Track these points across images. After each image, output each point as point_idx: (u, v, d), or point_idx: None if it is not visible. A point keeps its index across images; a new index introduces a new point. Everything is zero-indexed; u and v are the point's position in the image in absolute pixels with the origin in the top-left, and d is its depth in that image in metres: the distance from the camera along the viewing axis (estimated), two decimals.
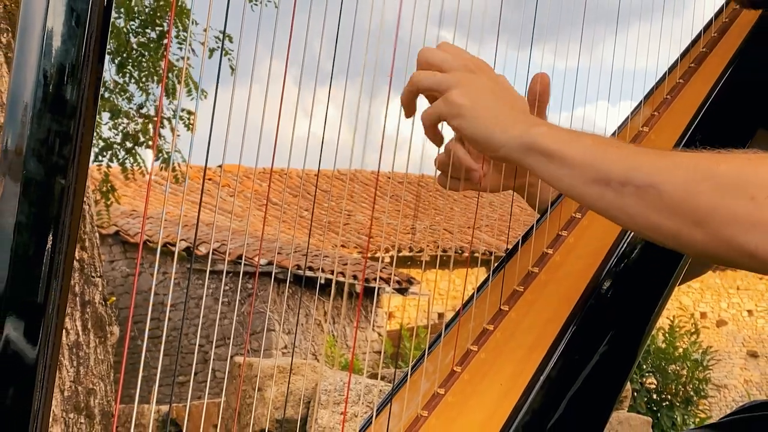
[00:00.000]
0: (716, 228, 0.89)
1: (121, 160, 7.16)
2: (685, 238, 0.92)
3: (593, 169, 0.96)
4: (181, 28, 6.73)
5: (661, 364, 8.68)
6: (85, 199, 0.83)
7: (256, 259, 8.17)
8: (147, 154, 7.26)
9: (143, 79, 7.04)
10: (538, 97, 1.21)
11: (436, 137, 1.14)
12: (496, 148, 1.03)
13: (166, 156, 7.08)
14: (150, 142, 7.17)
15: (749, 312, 15.31)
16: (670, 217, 0.92)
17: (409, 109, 1.12)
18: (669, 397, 8.67)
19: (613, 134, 1.35)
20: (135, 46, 6.93)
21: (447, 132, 1.15)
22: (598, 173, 0.96)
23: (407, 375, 1.15)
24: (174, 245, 7.92)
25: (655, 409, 8.49)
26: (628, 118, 1.35)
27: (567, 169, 0.98)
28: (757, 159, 0.91)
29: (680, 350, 8.82)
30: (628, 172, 0.94)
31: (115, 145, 7.12)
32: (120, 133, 7.15)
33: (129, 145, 7.17)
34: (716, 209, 0.89)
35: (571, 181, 0.98)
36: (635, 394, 8.36)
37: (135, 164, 7.18)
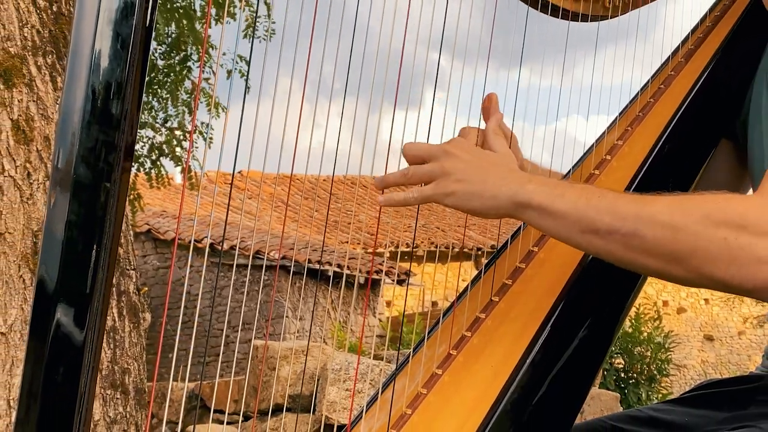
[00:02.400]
0: (696, 266, 0.92)
1: (146, 170, 7.16)
2: (668, 273, 0.95)
3: (582, 222, 0.97)
4: (196, 49, 6.73)
5: (627, 347, 8.68)
6: None
7: (273, 254, 8.16)
8: (170, 164, 7.27)
9: (168, 97, 7.04)
10: (490, 114, 1.20)
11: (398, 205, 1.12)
12: (492, 213, 1.04)
13: (196, 164, 7.07)
14: (173, 153, 7.17)
15: (706, 300, 15.32)
16: (653, 258, 0.94)
17: (386, 186, 1.11)
18: (635, 375, 8.67)
19: (590, 148, 1.34)
20: (161, 67, 6.94)
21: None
22: (587, 225, 0.97)
23: (409, 357, 1.15)
24: (201, 242, 7.92)
25: (622, 386, 8.49)
26: (604, 132, 1.35)
27: (558, 221, 0.99)
28: (723, 201, 0.93)
29: (645, 334, 8.82)
30: (613, 223, 0.95)
31: (143, 156, 7.11)
32: (146, 145, 7.14)
33: (154, 156, 7.17)
34: (695, 251, 0.91)
35: (563, 232, 1.00)
36: (605, 373, 8.36)
37: (158, 175, 7.17)
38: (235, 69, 6.49)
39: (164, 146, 7.18)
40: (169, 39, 6.79)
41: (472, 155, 1.08)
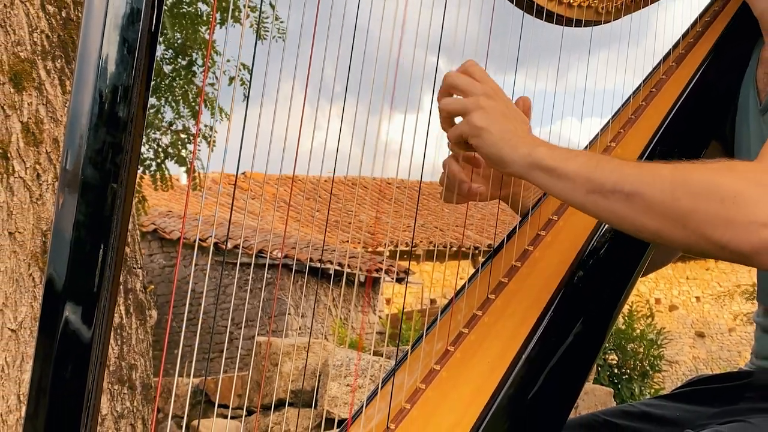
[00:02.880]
0: (694, 227, 0.91)
1: (152, 172, 7.16)
2: (667, 235, 0.94)
3: (588, 182, 0.98)
4: (201, 54, 6.73)
5: (621, 343, 8.69)
6: None
7: (276, 253, 8.17)
8: (175, 166, 7.27)
9: (174, 102, 7.04)
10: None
11: (459, 149, 1.14)
12: (507, 164, 1.04)
13: (199, 165, 7.07)
14: (178, 156, 7.17)
15: (697, 298, 15.32)
16: (654, 218, 0.94)
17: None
18: (628, 371, 8.68)
19: (585, 149, 1.34)
20: (167, 72, 6.94)
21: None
22: (592, 185, 0.97)
23: (407, 353, 1.15)
24: (206, 241, 7.92)
25: (616, 381, 8.49)
26: (597, 134, 1.35)
27: (566, 182, 1.00)
28: (721, 168, 0.93)
29: (638, 331, 8.83)
30: (617, 183, 0.96)
31: (148, 159, 7.12)
32: (150, 149, 7.15)
33: (159, 159, 7.17)
34: (693, 212, 0.91)
35: (570, 192, 1.00)
36: (599, 368, 8.36)
37: (161, 177, 7.17)
38: (239, 74, 6.50)
39: (169, 149, 7.19)
40: (176, 45, 6.79)
41: (507, 105, 1.10)
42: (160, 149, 7.16)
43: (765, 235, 0.87)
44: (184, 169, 7.35)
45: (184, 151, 7.13)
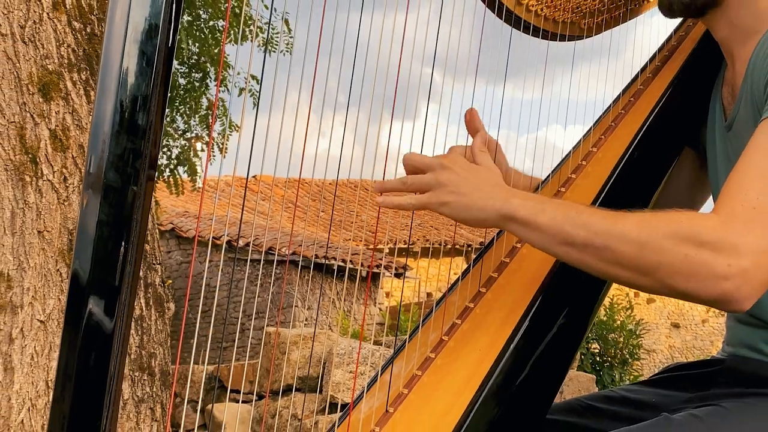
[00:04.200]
0: (660, 278, 0.93)
1: (165, 177, 7.16)
2: (637, 283, 0.96)
3: (560, 235, 0.98)
4: (215, 68, 6.73)
5: (603, 333, 8.67)
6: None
7: (284, 250, 8.16)
8: (190, 171, 7.27)
9: (188, 112, 7.04)
10: (474, 127, 1.20)
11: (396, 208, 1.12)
12: (480, 224, 1.05)
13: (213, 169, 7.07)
14: (191, 163, 7.18)
15: None
16: (623, 270, 0.95)
17: (385, 190, 1.10)
18: (609, 359, 8.66)
19: (568, 154, 1.34)
20: (183, 85, 6.94)
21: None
22: (564, 238, 0.98)
23: (405, 342, 1.15)
24: (219, 239, 7.92)
25: (598, 369, 8.48)
26: (580, 140, 1.35)
27: (539, 233, 1.00)
28: (682, 222, 0.93)
29: (618, 322, 8.81)
30: (587, 238, 0.96)
31: (163, 165, 7.12)
32: (164, 156, 7.14)
33: (172, 165, 7.17)
34: (659, 265, 0.92)
35: (544, 243, 1.01)
36: (582, 357, 8.35)
37: (174, 182, 7.18)
38: (248, 86, 6.50)
39: (182, 155, 7.19)
40: (191, 61, 6.79)
41: (465, 170, 1.08)
42: (173, 156, 7.16)
43: (724, 286, 0.89)
44: (199, 173, 7.35)
45: (196, 159, 7.12)
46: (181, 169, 7.17)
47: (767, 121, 0.97)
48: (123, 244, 0.71)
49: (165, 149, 7.13)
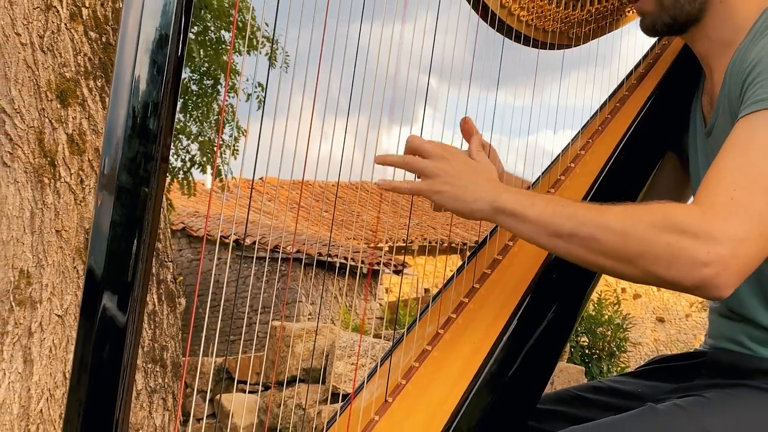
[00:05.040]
0: (643, 266, 0.92)
1: (180, 179, 7.16)
2: (621, 272, 0.95)
3: (548, 227, 0.98)
4: (224, 76, 6.74)
5: (591, 327, 8.67)
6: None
7: (289, 248, 8.16)
8: (199, 173, 7.28)
9: (199, 117, 7.05)
10: (469, 133, 1.20)
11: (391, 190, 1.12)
12: (472, 215, 1.04)
13: (223, 170, 7.07)
14: (203, 166, 7.18)
15: (658, 288, 15.30)
16: (608, 259, 0.95)
17: (385, 163, 1.11)
18: (597, 351, 8.66)
19: (557, 157, 1.34)
20: (194, 90, 6.94)
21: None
22: (552, 230, 0.98)
23: (403, 335, 1.15)
24: (227, 238, 7.92)
25: (587, 361, 8.48)
26: (569, 144, 1.35)
27: (528, 225, 1.00)
28: (664, 213, 0.93)
29: (606, 317, 8.81)
30: (573, 229, 0.96)
31: (176, 168, 7.12)
32: (178, 159, 7.15)
33: (185, 169, 7.17)
34: (642, 254, 0.92)
35: (532, 235, 1.01)
36: (572, 349, 8.35)
37: (188, 185, 7.18)
38: (255, 93, 6.52)
39: (194, 158, 7.20)
40: (202, 69, 6.79)
41: (462, 163, 1.08)
42: (187, 160, 7.16)
43: (704, 272, 0.89)
44: (208, 174, 7.37)
45: (206, 160, 7.13)
46: (194, 171, 7.18)
47: (744, 119, 0.97)
48: (135, 242, 0.71)
49: (183, 151, 7.13)
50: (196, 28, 6.47)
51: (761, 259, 0.92)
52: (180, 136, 6.94)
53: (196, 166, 7.14)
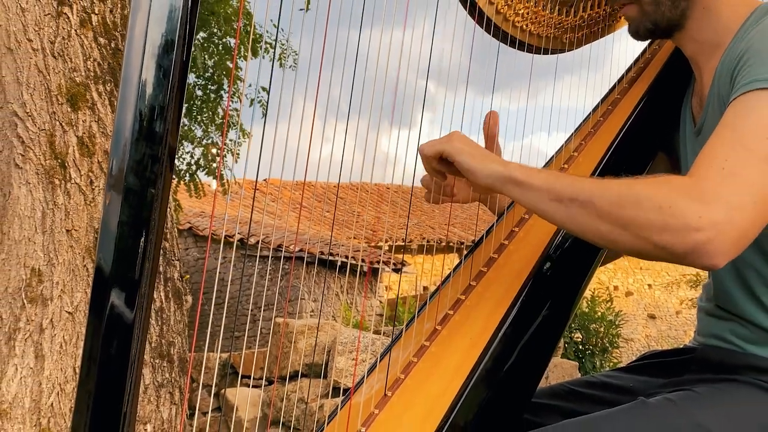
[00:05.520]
0: (637, 231, 0.91)
1: (186, 182, 7.17)
2: (615, 237, 0.94)
3: (550, 192, 0.99)
4: (228, 81, 6.74)
5: (585, 324, 8.67)
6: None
7: (291, 247, 8.16)
8: (205, 176, 7.30)
9: (204, 121, 7.05)
10: (491, 128, 1.21)
11: (434, 170, 1.13)
12: (484, 177, 1.05)
13: (225, 174, 7.07)
14: (209, 168, 7.19)
15: (649, 286, 15.29)
16: (604, 223, 0.94)
17: (437, 175, 1.13)
18: (591, 347, 8.66)
19: (551, 159, 1.34)
20: (199, 94, 6.95)
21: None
22: (554, 194, 0.98)
23: (402, 332, 1.15)
24: (232, 237, 7.92)
25: (580, 356, 8.48)
26: (562, 146, 1.35)
27: (533, 192, 1.01)
28: (659, 181, 0.94)
29: (599, 313, 8.81)
30: (573, 193, 0.97)
31: (183, 171, 7.12)
32: (183, 163, 7.16)
33: (191, 171, 7.18)
34: (636, 218, 0.91)
35: (536, 201, 1.01)
36: (566, 345, 8.35)
37: (194, 186, 7.20)
38: (258, 97, 6.53)
39: (200, 161, 7.21)
40: (207, 74, 6.80)
41: (469, 141, 1.10)
42: (193, 162, 7.17)
43: (696, 237, 0.87)
44: (212, 177, 7.37)
45: (213, 163, 7.14)
46: (200, 173, 7.19)
47: (733, 102, 0.97)
48: (142, 241, 0.71)
49: (188, 154, 7.13)
50: (201, 33, 6.48)
51: (756, 230, 0.90)
52: (183, 141, 6.95)
53: (201, 168, 7.14)
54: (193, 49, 0.74)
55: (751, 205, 0.88)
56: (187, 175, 7.16)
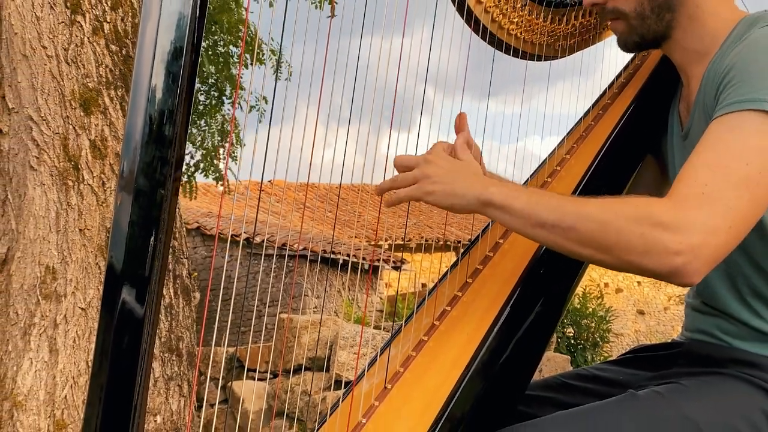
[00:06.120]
0: (619, 255, 0.92)
1: (183, 183, 7.17)
2: (599, 261, 0.95)
3: (532, 218, 0.98)
4: (231, 90, 6.75)
5: (576, 319, 8.66)
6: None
7: (295, 246, 8.16)
8: (208, 178, 7.29)
9: (207, 125, 7.05)
10: (459, 128, 1.19)
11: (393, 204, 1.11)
12: (462, 209, 1.04)
13: (226, 174, 7.07)
14: (213, 169, 7.18)
15: (639, 282, 15.28)
16: (587, 248, 0.95)
17: (382, 191, 1.11)
18: (582, 342, 8.65)
19: (545, 161, 1.34)
20: (202, 100, 6.95)
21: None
22: (536, 220, 0.98)
23: (402, 327, 1.15)
24: (239, 236, 7.92)
25: (572, 350, 8.47)
26: (555, 149, 1.35)
27: (514, 216, 1.00)
28: (639, 206, 0.94)
29: (590, 309, 8.80)
30: (556, 220, 0.96)
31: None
32: (185, 165, 7.15)
33: (188, 174, 7.18)
34: (618, 243, 0.92)
35: (518, 225, 1.01)
36: (558, 340, 8.34)
37: (190, 188, 7.20)
38: (257, 106, 6.54)
39: (200, 163, 7.20)
40: (209, 81, 6.80)
41: (446, 162, 1.07)
42: (191, 165, 7.17)
43: (676, 261, 0.89)
44: (212, 178, 7.37)
45: (212, 167, 7.14)
46: (198, 174, 7.18)
47: (717, 120, 0.97)
48: (152, 240, 0.71)
49: (187, 155, 7.13)
50: (205, 42, 6.47)
51: (729, 250, 0.92)
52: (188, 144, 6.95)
53: (199, 171, 7.15)
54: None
55: (726, 229, 0.90)
56: (185, 176, 7.15)
